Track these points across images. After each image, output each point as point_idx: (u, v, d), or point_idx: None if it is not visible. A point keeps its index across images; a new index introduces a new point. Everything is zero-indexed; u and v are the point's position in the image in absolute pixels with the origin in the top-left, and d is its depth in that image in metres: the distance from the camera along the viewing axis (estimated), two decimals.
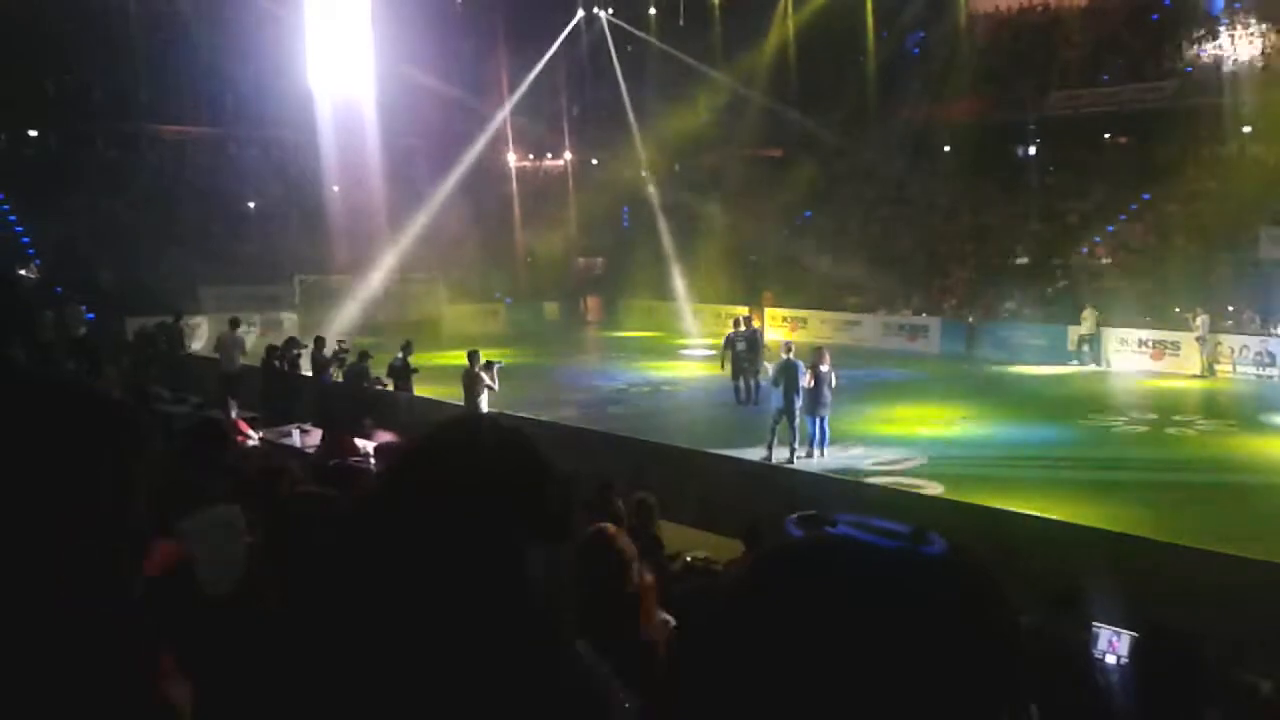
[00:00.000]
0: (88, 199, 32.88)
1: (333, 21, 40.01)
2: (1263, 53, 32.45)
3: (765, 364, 19.62)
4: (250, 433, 14.00)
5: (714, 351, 24.18)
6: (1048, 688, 4.33)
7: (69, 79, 35.96)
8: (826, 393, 16.33)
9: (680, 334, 34.29)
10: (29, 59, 33.61)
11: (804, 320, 33.76)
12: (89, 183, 33.74)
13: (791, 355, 16.91)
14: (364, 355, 19.27)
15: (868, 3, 40.21)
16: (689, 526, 10.97)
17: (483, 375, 17.46)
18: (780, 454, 16.09)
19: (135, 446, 1.36)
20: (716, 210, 39.00)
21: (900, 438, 18.17)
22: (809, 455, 16.25)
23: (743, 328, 22.00)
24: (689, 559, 9.27)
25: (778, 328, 32.40)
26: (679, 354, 30.42)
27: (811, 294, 34.25)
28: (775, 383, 16.89)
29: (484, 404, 16.93)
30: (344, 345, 20.55)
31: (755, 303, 32.69)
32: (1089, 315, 27.85)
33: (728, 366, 21.76)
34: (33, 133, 37.50)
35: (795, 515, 1.77)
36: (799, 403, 16.38)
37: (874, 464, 16.07)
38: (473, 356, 17.82)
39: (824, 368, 16.39)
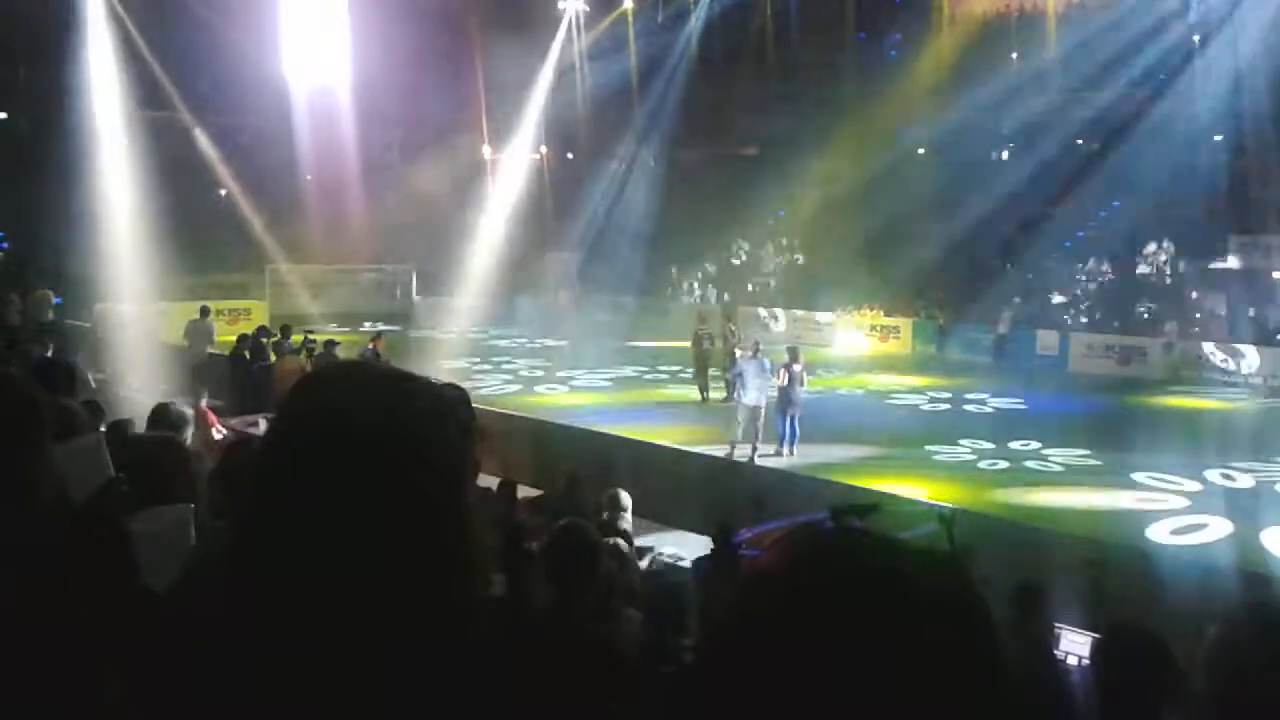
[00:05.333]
0: (57, 183, 32.41)
1: (308, 8, 39.66)
2: None
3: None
4: (217, 423, 13.92)
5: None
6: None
7: (40, 62, 35.44)
8: (798, 391, 16.48)
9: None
10: None
11: (775, 318, 33.77)
12: (58, 166, 33.24)
13: (740, 354, 17.38)
14: (330, 345, 19.21)
15: (846, 4, 40.19)
16: (658, 522, 11.00)
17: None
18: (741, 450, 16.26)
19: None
20: (690, 207, 38.95)
21: None
22: (777, 453, 16.33)
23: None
24: (657, 554, 9.30)
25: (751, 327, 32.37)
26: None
27: (782, 293, 34.31)
28: None
29: None
30: (311, 336, 20.42)
31: (729, 302, 32.68)
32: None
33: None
34: (2, 115, 36.97)
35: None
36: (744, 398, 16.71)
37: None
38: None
39: (796, 367, 16.55)
